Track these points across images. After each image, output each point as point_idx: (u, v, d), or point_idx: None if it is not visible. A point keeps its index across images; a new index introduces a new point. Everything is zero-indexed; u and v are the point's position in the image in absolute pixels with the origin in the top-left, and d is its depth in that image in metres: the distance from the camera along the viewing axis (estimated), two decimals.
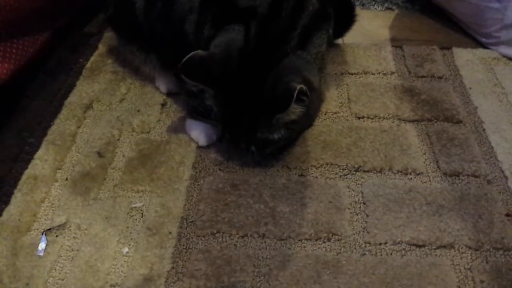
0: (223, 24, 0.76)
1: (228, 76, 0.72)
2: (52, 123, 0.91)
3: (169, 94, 0.96)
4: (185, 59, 0.70)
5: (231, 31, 0.75)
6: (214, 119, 0.78)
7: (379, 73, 1.02)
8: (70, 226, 0.74)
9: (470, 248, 0.72)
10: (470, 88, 0.98)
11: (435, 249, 0.72)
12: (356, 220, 0.75)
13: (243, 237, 0.73)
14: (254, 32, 0.73)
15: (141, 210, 0.77)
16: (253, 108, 0.73)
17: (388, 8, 1.23)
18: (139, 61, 0.98)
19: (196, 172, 0.82)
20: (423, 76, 1.01)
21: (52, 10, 0.99)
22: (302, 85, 0.68)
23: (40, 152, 0.85)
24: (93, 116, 0.93)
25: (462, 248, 0.72)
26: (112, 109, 0.94)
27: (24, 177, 0.81)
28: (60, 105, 0.95)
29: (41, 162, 0.84)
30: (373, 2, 1.24)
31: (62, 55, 1.07)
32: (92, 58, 1.06)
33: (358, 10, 1.18)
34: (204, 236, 0.73)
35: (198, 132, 0.86)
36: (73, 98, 0.96)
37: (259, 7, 0.75)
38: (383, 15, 1.21)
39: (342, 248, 0.72)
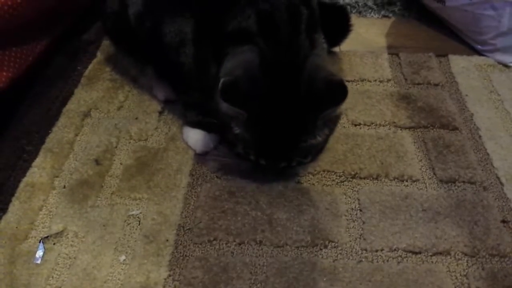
0: (226, 50, 0.72)
1: (259, 95, 0.68)
2: (50, 131, 0.91)
3: (166, 101, 0.97)
4: (224, 85, 0.66)
5: (240, 54, 0.71)
6: (245, 148, 0.73)
7: (376, 80, 1.02)
8: (67, 234, 0.75)
9: (466, 254, 0.72)
10: (466, 95, 0.99)
11: (431, 256, 0.72)
12: (353, 227, 0.76)
13: (240, 244, 0.73)
14: (265, 47, 0.70)
15: (138, 217, 0.77)
16: (294, 117, 0.69)
17: (384, 16, 1.24)
18: (137, 71, 0.99)
19: (194, 180, 0.83)
20: (419, 83, 1.02)
21: (50, 18, 0.99)
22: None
23: (38, 160, 0.86)
24: (91, 124, 0.93)
25: (458, 254, 0.72)
26: (110, 117, 0.95)
27: (21, 185, 0.82)
28: (58, 112, 0.95)
29: (39, 170, 0.84)
30: (370, 10, 1.25)
31: (61, 63, 1.08)
32: (90, 66, 1.07)
33: (355, 18, 1.20)
34: (201, 244, 0.73)
35: (195, 140, 0.87)
36: (71, 105, 0.97)
37: (256, 24, 0.71)
38: (379, 23, 1.22)
39: (338, 255, 0.72)
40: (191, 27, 0.75)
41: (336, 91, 0.68)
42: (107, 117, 0.95)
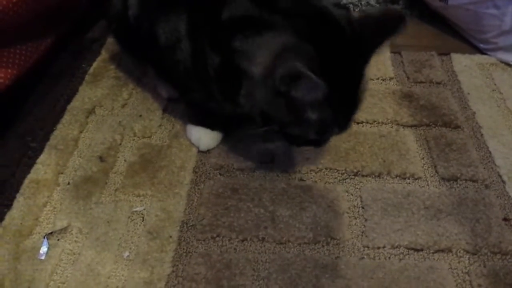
0: (231, 40, 0.68)
1: (324, 68, 0.62)
2: (54, 128, 0.92)
3: (170, 99, 0.97)
4: (296, 77, 0.60)
5: (265, 42, 0.65)
6: (321, 128, 0.69)
7: (378, 78, 1.03)
8: (71, 230, 0.75)
9: (468, 252, 0.73)
10: (468, 93, 0.99)
11: (433, 253, 0.73)
12: (355, 224, 0.76)
13: (242, 241, 0.74)
14: (287, 24, 0.65)
15: (142, 214, 0.78)
16: (356, 68, 0.67)
17: None
18: (141, 70, 1.00)
19: (197, 177, 0.83)
20: (421, 82, 1.02)
21: (54, 16, 1.00)
22: None
23: (42, 157, 0.86)
24: (96, 121, 0.94)
25: (460, 252, 0.73)
26: (114, 114, 0.95)
27: (26, 181, 0.82)
28: (62, 110, 0.96)
29: (44, 167, 0.85)
30: (372, 9, 1.25)
31: (65, 61, 1.08)
32: (94, 64, 1.07)
33: None
34: (204, 240, 0.74)
35: (199, 137, 0.87)
36: (75, 103, 0.97)
37: (257, 8, 0.67)
38: None
39: (340, 252, 0.72)
40: (184, 23, 0.74)
41: (394, 18, 0.67)
42: (111, 114, 0.95)
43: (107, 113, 0.96)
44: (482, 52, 1.11)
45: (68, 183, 0.82)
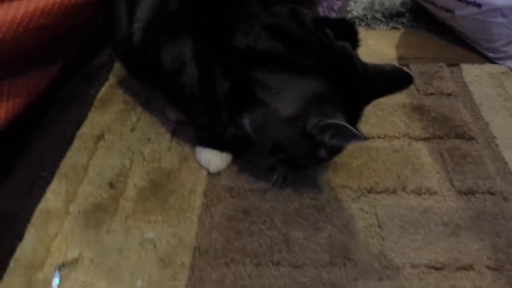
0: (250, 72, 0.69)
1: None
2: (64, 156, 0.91)
3: (179, 122, 0.97)
4: (331, 127, 0.65)
5: (296, 85, 0.68)
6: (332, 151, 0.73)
7: None
8: (83, 260, 0.74)
9: (490, 268, 0.70)
10: (481, 103, 0.98)
11: (454, 271, 0.70)
12: (372, 243, 0.74)
13: (257, 266, 0.72)
14: (317, 68, 0.67)
15: (153, 241, 0.76)
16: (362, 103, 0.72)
17: (393, 28, 1.24)
18: (148, 94, 1.00)
19: (208, 200, 0.82)
20: (432, 94, 1.01)
21: (62, 44, 1.00)
22: None
23: (52, 186, 0.86)
24: (105, 147, 0.93)
25: (482, 269, 0.70)
26: (123, 139, 0.95)
27: (37, 211, 0.81)
28: (72, 136, 0.96)
29: (54, 196, 0.84)
30: (379, 22, 1.25)
31: (73, 87, 1.08)
32: (103, 89, 1.07)
33: (364, 31, 1.20)
34: (217, 266, 0.72)
35: (208, 159, 0.86)
36: (84, 129, 0.97)
37: (280, 43, 0.69)
38: (389, 35, 1.22)
39: (358, 274, 0.70)
40: (190, 47, 0.74)
41: (403, 77, 0.71)
42: (120, 139, 0.95)
43: (116, 138, 0.95)
44: (491, 61, 1.09)
45: (79, 212, 0.81)
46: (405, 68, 1.07)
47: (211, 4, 0.74)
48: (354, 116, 0.69)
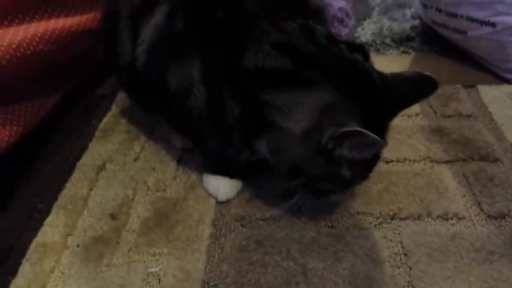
0: (260, 93, 0.65)
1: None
2: (63, 187, 0.86)
3: (184, 149, 0.92)
4: (345, 136, 0.59)
5: (304, 99, 0.63)
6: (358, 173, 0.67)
7: (403, 115, 0.97)
8: None
9: None
10: (503, 124, 0.93)
11: None
12: (398, 273, 0.67)
13: None
14: (325, 78, 0.63)
15: (158, 275, 0.70)
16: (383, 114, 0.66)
17: (404, 52, 1.21)
18: (152, 121, 0.96)
19: (217, 230, 0.76)
20: (450, 116, 0.96)
21: (62, 73, 0.98)
22: None
23: (50, 218, 0.80)
24: (106, 177, 0.88)
25: None
26: (126, 169, 0.90)
27: (32, 245, 0.76)
28: (71, 167, 0.91)
29: (51, 229, 0.78)
30: (388, 47, 1.22)
31: (74, 118, 1.05)
32: (105, 119, 1.03)
33: (374, 56, 1.14)
34: None
35: (217, 186, 0.81)
36: (85, 160, 0.93)
37: (287, 60, 0.65)
38: (400, 59, 1.18)
39: None
40: (197, 68, 0.70)
41: (427, 81, 0.66)
42: (123, 169, 0.90)
43: (118, 169, 0.90)
44: (509, 82, 1.05)
45: (78, 245, 0.76)
46: None
47: (220, 23, 0.71)
48: (378, 129, 0.62)
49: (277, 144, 0.66)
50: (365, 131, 0.56)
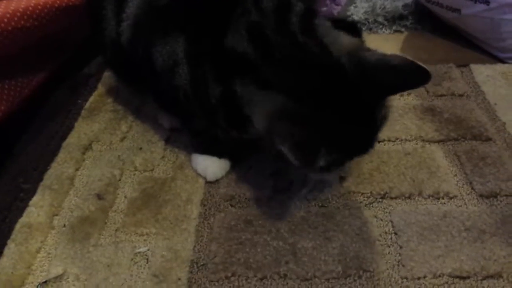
0: (231, 79, 0.63)
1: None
2: (48, 167, 0.84)
3: (172, 129, 0.90)
4: (302, 155, 0.58)
5: (262, 100, 0.61)
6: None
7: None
8: (67, 278, 0.66)
9: None
10: (495, 104, 0.92)
11: (481, 280, 0.63)
12: (389, 252, 0.67)
13: (261, 279, 0.64)
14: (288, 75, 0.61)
15: (146, 255, 0.69)
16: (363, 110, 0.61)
17: (396, 31, 1.19)
18: (139, 100, 0.94)
19: (205, 210, 0.75)
20: (442, 95, 0.95)
21: (46, 50, 0.95)
22: None
23: (35, 199, 0.79)
24: (93, 157, 0.87)
25: (511, 277, 0.63)
26: (113, 149, 0.88)
27: (18, 226, 0.74)
28: (57, 147, 0.89)
29: (37, 209, 0.77)
30: (381, 26, 1.20)
31: (60, 97, 1.02)
32: (91, 98, 1.01)
33: (366, 35, 1.12)
34: (217, 281, 0.64)
35: (205, 166, 0.80)
36: (71, 139, 0.90)
37: (252, 48, 0.62)
38: (392, 38, 1.17)
39: (375, 286, 0.63)
40: (182, 45, 0.67)
41: (417, 72, 0.59)
42: (110, 149, 0.88)
43: (105, 148, 0.88)
44: (502, 61, 1.04)
45: (64, 226, 0.74)
46: None
47: None
48: (358, 117, 0.60)
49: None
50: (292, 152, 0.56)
